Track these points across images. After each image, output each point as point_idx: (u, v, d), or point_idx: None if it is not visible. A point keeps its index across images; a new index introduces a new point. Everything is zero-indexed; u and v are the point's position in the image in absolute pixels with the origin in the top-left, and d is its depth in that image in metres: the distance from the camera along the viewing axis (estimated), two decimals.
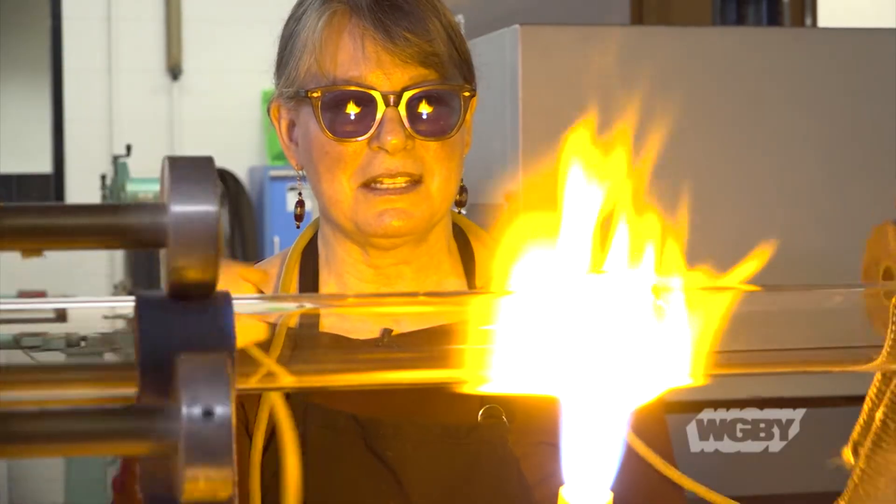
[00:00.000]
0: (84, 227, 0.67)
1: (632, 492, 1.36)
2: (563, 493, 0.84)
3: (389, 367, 1.12)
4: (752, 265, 0.88)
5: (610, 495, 0.84)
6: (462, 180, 1.57)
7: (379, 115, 1.48)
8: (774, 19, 3.15)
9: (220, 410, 0.62)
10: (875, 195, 2.65)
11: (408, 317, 1.39)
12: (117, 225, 0.67)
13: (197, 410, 0.62)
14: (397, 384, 0.86)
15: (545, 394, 0.80)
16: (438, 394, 1.50)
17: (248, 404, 1.52)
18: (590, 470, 0.84)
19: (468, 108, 1.53)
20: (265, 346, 0.80)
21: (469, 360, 0.81)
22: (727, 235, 2.50)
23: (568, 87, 2.57)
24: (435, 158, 1.49)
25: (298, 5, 1.57)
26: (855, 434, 0.97)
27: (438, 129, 1.50)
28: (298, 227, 1.60)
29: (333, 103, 1.49)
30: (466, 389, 0.83)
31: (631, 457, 1.00)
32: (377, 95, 1.48)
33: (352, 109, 1.49)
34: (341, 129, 1.49)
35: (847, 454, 0.97)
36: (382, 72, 1.49)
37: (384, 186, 1.49)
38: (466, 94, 1.52)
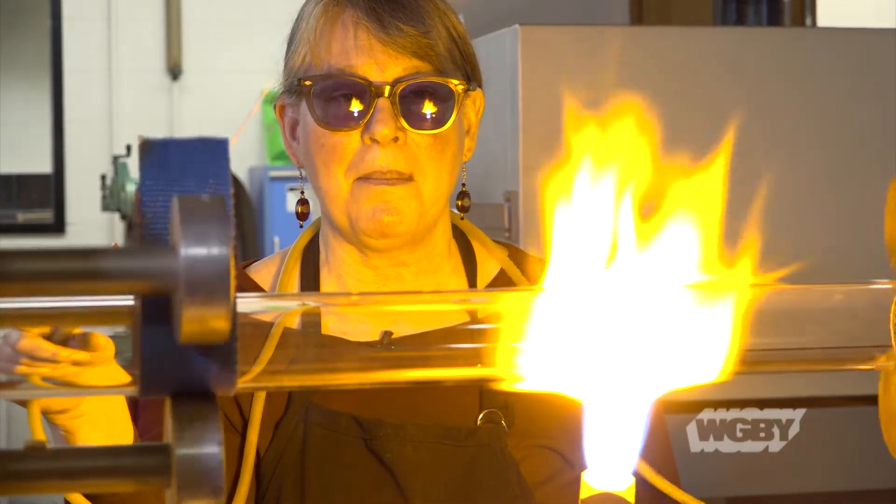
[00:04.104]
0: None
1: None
2: (585, 477, 0.84)
3: (390, 367, 1.12)
4: (745, 262, 0.87)
5: (632, 480, 0.84)
6: (465, 185, 1.57)
7: (371, 107, 1.47)
8: (774, 19, 3.15)
9: (217, 250, 0.61)
10: (875, 194, 2.65)
11: (407, 320, 1.39)
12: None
13: (196, 250, 0.61)
14: (397, 384, 0.86)
15: (549, 391, 0.80)
16: (438, 396, 1.50)
17: (242, 401, 1.52)
18: (612, 455, 0.83)
19: (463, 103, 1.52)
20: (259, 345, 0.80)
21: (469, 360, 0.81)
22: (726, 234, 2.49)
23: (568, 87, 2.57)
24: (427, 156, 1.49)
25: (305, 4, 1.57)
26: None
27: (431, 123, 1.49)
28: (301, 226, 1.60)
29: (326, 93, 1.49)
30: (468, 390, 0.83)
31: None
32: (369, 86, 1.47)
33: (344, 100, 1.48)
34: (334, 120, 1.49)
35: None
36: (375, 62, 1.48)
37: (376, 177, 1.48)
38: (462, 87, 1.50)
